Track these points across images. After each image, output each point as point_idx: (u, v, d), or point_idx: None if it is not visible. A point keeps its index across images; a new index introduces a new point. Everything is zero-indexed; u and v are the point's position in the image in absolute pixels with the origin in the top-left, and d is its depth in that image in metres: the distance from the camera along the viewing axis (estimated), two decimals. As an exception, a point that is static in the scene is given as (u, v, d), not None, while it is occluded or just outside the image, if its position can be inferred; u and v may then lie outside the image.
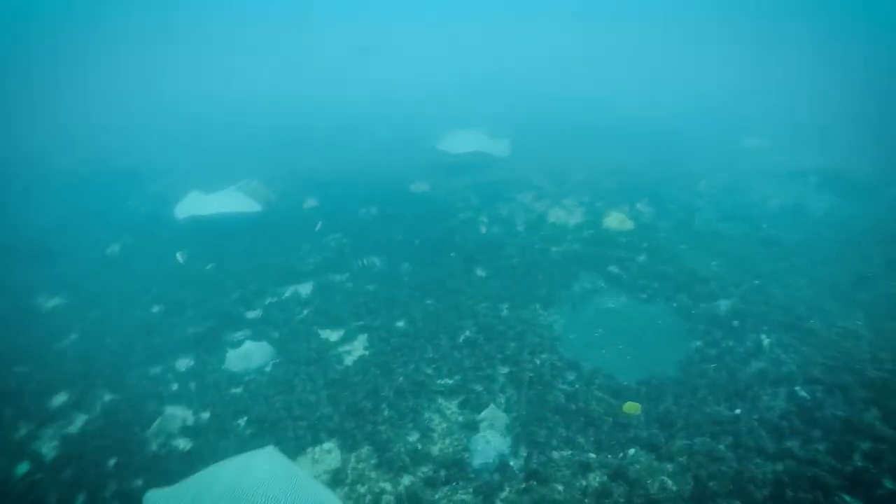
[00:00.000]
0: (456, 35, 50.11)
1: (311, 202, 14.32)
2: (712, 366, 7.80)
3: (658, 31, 49.64)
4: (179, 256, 11.73)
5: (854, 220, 12.00)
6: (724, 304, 8.91)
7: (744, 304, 8.82)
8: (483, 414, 7.09)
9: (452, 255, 11.40)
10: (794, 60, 30.35)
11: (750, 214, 12.80)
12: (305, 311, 10.23)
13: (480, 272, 10.78)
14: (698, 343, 8.41)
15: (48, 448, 7.22)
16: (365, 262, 11.13)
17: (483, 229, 12.35)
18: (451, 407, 7.35)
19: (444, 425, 7.05)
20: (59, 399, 8.08)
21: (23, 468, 6.89)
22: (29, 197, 17.51)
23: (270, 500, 4.90)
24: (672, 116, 22.55)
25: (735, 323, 8.49)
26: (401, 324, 9.49)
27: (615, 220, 11.80)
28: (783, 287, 9.36)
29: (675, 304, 9.29)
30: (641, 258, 10.68)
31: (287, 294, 10.78)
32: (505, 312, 9.43)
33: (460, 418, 7.13)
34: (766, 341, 7.96)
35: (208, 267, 11.60)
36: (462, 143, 15.19)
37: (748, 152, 17.46)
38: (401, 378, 7.89)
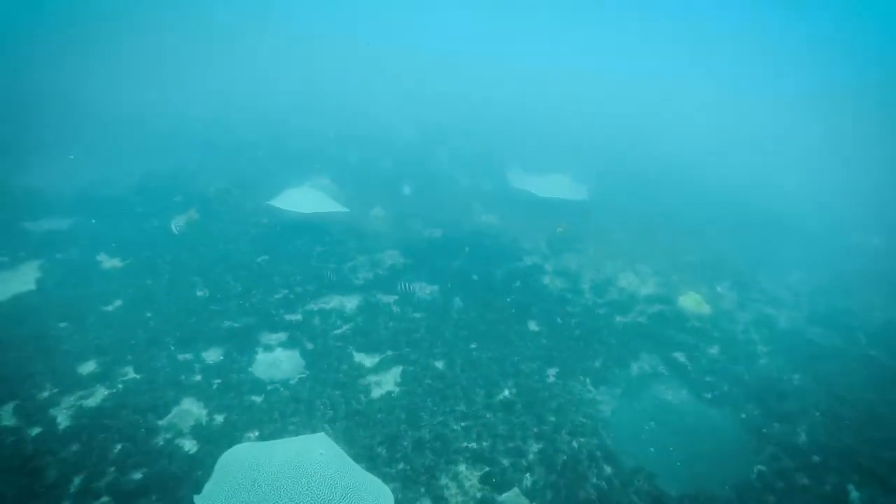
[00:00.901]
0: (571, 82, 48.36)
1: (377, 211, 14.00)
2: (773, 499, 6.72)
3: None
4: (174, 226, 11.34)
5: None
6: (803, 430, 7.74)
7: (829, 438, 7.60)
8: (504, 497, 6.35)
9: (509, 300, 10.70)
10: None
11: (848, 324, 11.39)
12: (345, 327, 9.88)
13: (534, 326, 10.06)
14: (762, 468, 7.34)
15: (63, 417, 7.11)
16: (407, 285, 10.64)
17: (546, 280, 11.59)
18: (472, 478, 6.69)
19: (460, 499, 6.35)
20: (87, 367, 8.03)
21: (34, 431, 6.76)
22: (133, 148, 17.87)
23: (327, 480, 5.38)
24: (779, 196, 20.85)
25: (815, 458, 7.31)
26: (439, 364, 8.94)
27: (691, 301, 10.73)
28: (886, 429, 8.02)
29: (743, 415, 8.21)
30: (713, 350, 9.61)
31: (331, 305, 10.43)
32: (551, 378, 8.69)
33: (479, 494, 6.43)
34: (853, 494, 6.75)
35: (260, 259, 11.45)
36: (544, 185, 14.56)
37: (858, 250, 15.70)
38: (426, 429, 7.30)
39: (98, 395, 7.57)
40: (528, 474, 6.84)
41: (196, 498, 5.25)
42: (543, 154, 19.65)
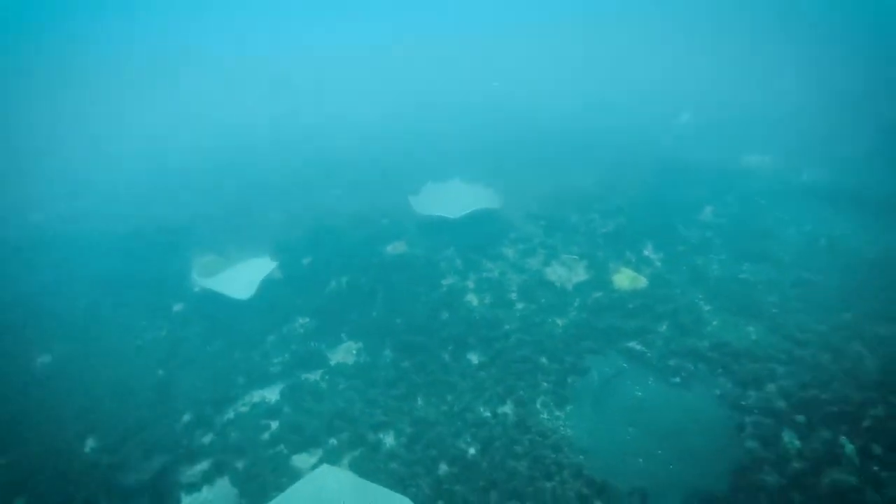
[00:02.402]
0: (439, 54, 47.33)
1: (276, 273, 12.46)
2: (772, 478, 6.18)
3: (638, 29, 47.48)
4: None
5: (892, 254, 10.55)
6: (776, 390, 7.29)
7: (803, 389, 7.21)
8: None
9: (443, 335, 9.67)
10: (790, 61, 28.62)
11: (771, 251, 11.35)
12: (273, 426, 8.45)
13: (474, 358, 9.11)
14: (753, 444, 6.77)
15: None
16: (313, 344, 9.62)
17: (471, 299, 10.66)
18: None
19: None
20: None
21: None
22: None
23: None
24: (661, 129, 21.06)
25: (800, 418, 6.85)
26: (388, 439, 7.78)
27: (626, 279, 10.23)
28: (847, 358, 7.76)
29: (717, 391, 7.68)
30: (663, 328, 9.11)
31: (251, 404, 8.92)
32: (510, 416, 7.78)
33: None
34: (848, 448, 6.31)
35: (159, 372, 9.73)
36: (442, 199, 13.57)
37: (751, 171, 15.99)
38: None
39: None
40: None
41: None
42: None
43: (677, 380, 8.00)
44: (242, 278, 12.23)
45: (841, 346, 8.10)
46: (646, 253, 11.73)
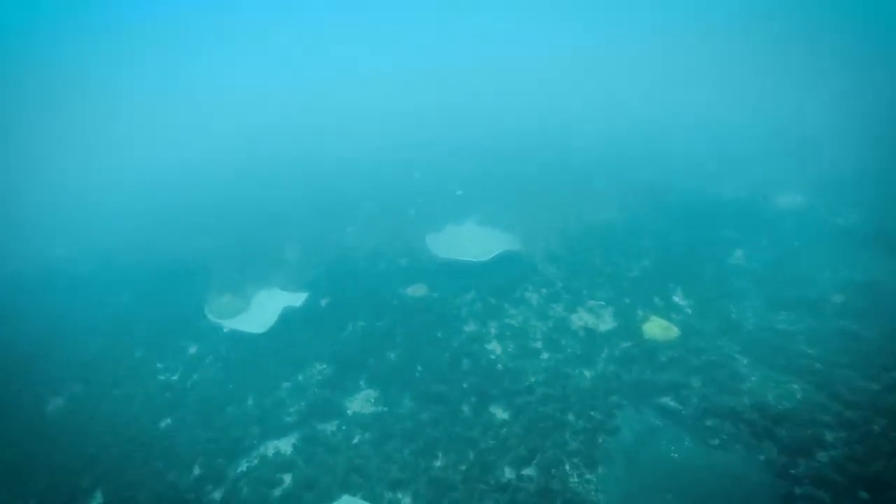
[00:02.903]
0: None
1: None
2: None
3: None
4: None
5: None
6: (828, 459, 6.73)
7: (860, 466, 6.62)
8: None
9: (465, 386, 9.26)
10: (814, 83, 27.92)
11: (809, 299, 10.81)
12: (287, 481, 8.10)
13: (498, 412, 8.68)
14: (805, 518, 6.20)
15: None
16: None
17: (494, 347, 10.26)
18: None
19: None
20: None
21: None
22: None
23: None
24: (688, 167, 20.60)
25: (863, 494, 6.27)
26: (406, 501, 7.29)
27: (657, 328, 9.77)
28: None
29: (762, 457, 7.13)
30: (697, 383, 8.58)
31: (262, 457, 8.56)
32: (536, 479, 7.25)
33: None
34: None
35: (169, 420, 9.45)
36: (461, 241, 13.39)
37: (785, 211, 15.45)
38: None
39: None
40: None
41: None
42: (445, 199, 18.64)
43: (716, 442, 7.47)
44: (259, 315, 12.07)
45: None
46: (675, 299, 11.25)
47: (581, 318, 10.81)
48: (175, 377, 10.74)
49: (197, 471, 8.40)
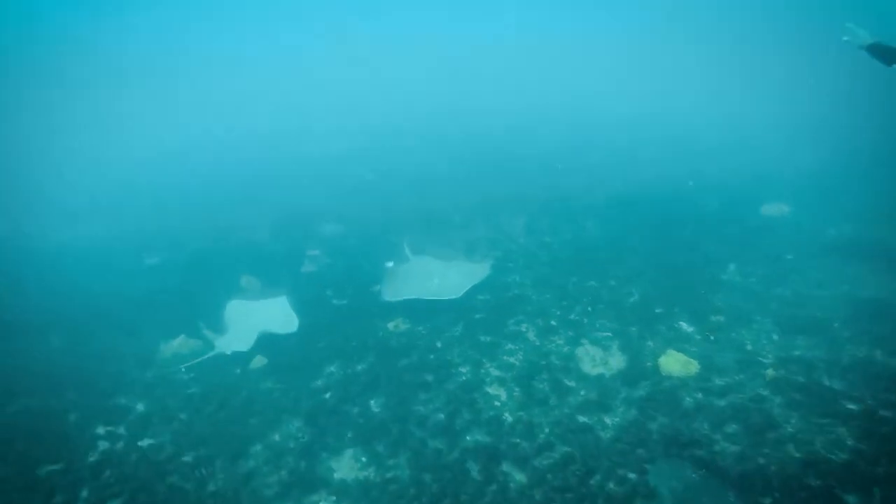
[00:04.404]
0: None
1: (258, 360, 10.79)
2: None
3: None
4: None
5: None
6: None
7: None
8: None
9: (468, 441, 8.20)
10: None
11: (816, 320, 10.36)
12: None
13: (511, 477, 7.56)
14: None
15: None
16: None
17: (492, 392, 9.23)
18: None
19: None
20: None
21: None
22: None
23: None
24: (659, 175, 20.30)
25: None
26: None
27: (676, 364, 9.01)
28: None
29: (822, 522, 6.34)
30: (731, 429, 7.79)
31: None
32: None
33: None
34: None
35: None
36: (424, 277, 12.20)
37: (772, 221, 15.22)
38: None
39: None
40: None
41: None
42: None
43: (769, 502, 6.67)
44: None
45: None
46: (682, 326, 10.58)
47: (587, 353, 9.94)
48: (120, 445, 9.07)
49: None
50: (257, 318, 11.74)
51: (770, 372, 8.80)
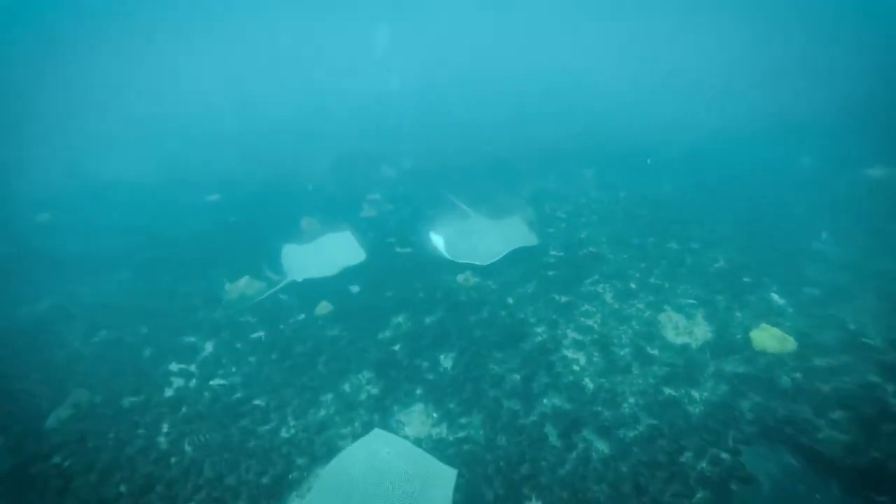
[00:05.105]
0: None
1: (324, 307, 10.70)
2: None
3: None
4: None
5: None
6: None
7: None
8: None
9: (546, 406, 7.95)
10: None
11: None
12: None
13: (593, 448, 7.29)
14: None
15: None
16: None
17: (572, 356, 8.88)
18: None
19: None
20: None
21: None
22: None
23: (402, 475, 6.08)
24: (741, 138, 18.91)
25: None
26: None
27: (770, 339, 8.42)
28: None
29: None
30: (836, 415, 7.25)
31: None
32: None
33: None
34: None
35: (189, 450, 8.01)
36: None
37: (871, 184, 13.93)
38: None
39: None
40: None
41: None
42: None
43: (884, 499, 6.23)
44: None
45: None
46: (774, 298, 9.90)
47: (671, 320, 9.43)
48: (192, 383, 9.23)
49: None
50: (322, 253, 11.73)
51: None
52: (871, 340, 8.61)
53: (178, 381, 9.25)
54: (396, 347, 9.56)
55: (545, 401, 8.12)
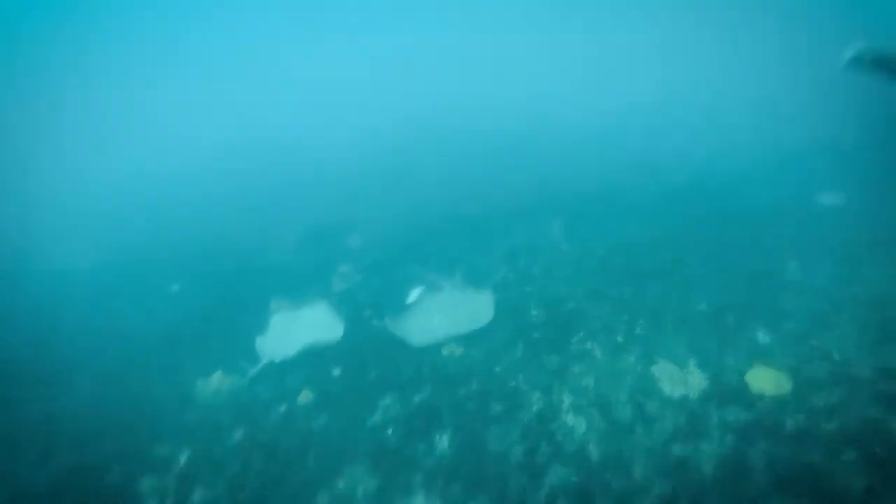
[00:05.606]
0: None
1: (305, 395, 10.23)
2: None
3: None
4: None
5: None
6: None
7: None
8: None
9: (552, 479, 7.62)
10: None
11: None
12: None
13: (611, 519, 7.00)
14: None
15: None
16: None
17: (579, 425, 8.63)
18: None
19: None
20: None
21: None
22: None
23: None
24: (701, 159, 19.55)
25: None
26: None
27: (765, 381, 8.44)
28: None
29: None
30: (850, 456, 7.19)
31: None
32: None
33: None
34: None
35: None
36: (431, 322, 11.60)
37: (828, 212, 14.45)
38: None
39: None
40: None
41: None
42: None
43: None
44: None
45: None
46: (760, 337, 9.98)
47: (664, 372, 9.35)
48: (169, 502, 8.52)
49: None
50: (298, 331, 11.58)
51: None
52: (859, 370, 8.72)
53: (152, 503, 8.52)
54: (389, 432, 9.14)
55: (552, 474, 7.81)
